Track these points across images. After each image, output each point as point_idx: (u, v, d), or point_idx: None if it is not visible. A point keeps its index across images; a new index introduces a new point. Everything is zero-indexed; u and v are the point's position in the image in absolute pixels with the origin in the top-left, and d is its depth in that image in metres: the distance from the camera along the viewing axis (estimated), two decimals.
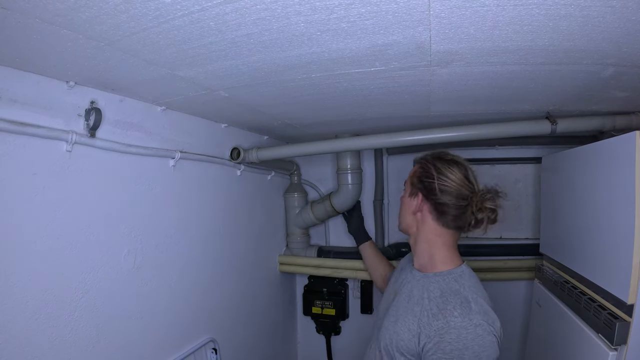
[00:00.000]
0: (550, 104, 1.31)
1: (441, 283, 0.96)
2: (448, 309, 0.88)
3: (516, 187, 1.98)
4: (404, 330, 0.94)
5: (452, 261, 1.02)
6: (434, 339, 0.86)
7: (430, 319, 0.89)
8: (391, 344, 0.96)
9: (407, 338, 0.92)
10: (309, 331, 2.36)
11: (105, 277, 1.03)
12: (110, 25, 0.66)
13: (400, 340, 0.93)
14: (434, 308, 0.91)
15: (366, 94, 1.16)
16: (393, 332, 0.96)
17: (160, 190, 1.24)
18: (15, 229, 0.82)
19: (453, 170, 1.01)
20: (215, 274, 1.53)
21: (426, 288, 0.98)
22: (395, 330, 0.96)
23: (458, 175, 1.00)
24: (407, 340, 0.92)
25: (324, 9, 0.64)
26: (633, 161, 0.94)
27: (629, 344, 0.96)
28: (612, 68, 0.93)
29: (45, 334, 0.87)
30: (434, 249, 1.03)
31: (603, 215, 1.10)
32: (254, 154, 1.63)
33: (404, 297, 1.02)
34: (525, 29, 0.72)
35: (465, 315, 0.86)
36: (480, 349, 0.84)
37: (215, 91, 1.09)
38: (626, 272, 0.96)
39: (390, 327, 0.98)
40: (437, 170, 1.01)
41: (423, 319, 0.91)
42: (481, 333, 0.85)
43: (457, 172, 1.01)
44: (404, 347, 0.92)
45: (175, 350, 1.30)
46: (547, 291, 1.47)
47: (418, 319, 0.92)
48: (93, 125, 0.97)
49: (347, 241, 2.27)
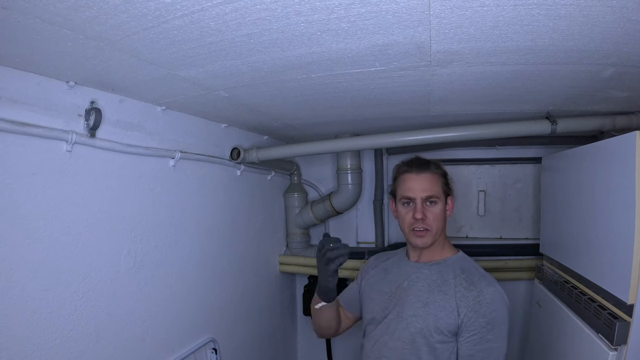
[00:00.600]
0: (550, 104, 1.31)
1: (457, 264, 1.10)
2: (475, 280, 1.04)
3: (516, 187, 1.99)
4: (440, 309, 1.02)
5: (452, 248, 1.17)
6: (474, 306, 0.99)
7: (465, 292, 1.02)
8: (427, 326, 1.02)
9: (446, 315, 1.01)
10: (309, 331, 2.36)
11: (105, 277, 1.03)
12: (110, 25, 0.66)
13: (437, 319, 1.01)
14: (463, 282, 1.04)
15: (366, 94, 1.16)
16: (426, 315, 1.03)
17: (160, 190, 1.24)
18: (15, 229, 0.82)
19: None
20: (215, 274, 1.53)
21: (444, 271, 1.09)
22: (429, 312, 1.03)
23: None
24: (446, 316, 1.01)
25: (324, 9, 0.64)
26: (633, 161, 0.94)
27: (629, 344, 0.96)
28: (612, 68, 0.93)
29: (45, 334, 0.87)
30: (443, 240, 1.15)
31: (603, 215, 1.10)
32: (254, 154, 1.63)
33: (420, 285, 1.09)
34: (525, 29, 0.72)
35: (490, 285, 1.03)
36: (506, 311, 1.00)
37: (215, 91, 1.09)
38: (626, 272, 0.96)
39: (421, 312, 1.04)
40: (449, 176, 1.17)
41: (458, 294, 1.02)
42: (505, 298, 1.02)
43: None
44: (443, 324, 1.01)
45: (175, 350, 1.30)
46: (547, 291, 1.47)
47: (453, 296, 1.03)
48: (93, 125, 0.97)
49: (347, 241, 2.26)
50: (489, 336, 0.97)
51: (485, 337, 0.97)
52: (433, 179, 1.12)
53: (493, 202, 2.02)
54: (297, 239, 2.15)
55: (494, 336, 0.97)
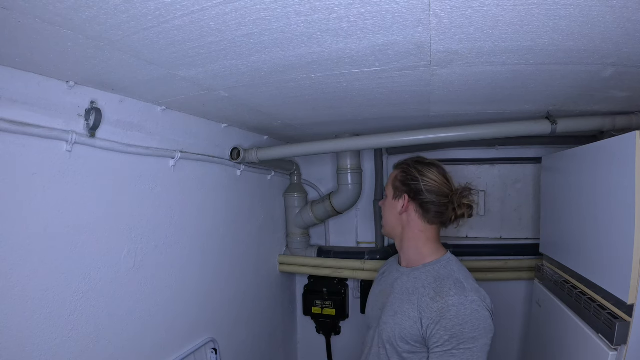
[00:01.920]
0: (550, 104, 1.31)
1: (432, 272, 1.05)
2: (444, 290, 0.97)
3: (516, 187, 1.99)
4: (405, 319, 1.00)
5: (438, 252, 1.10)
6: (436, 318, 0.94)
7: (429, 303, 0.97)
8: (394, 335, 1.01)
9: (409, 325, 0.99)
10: (309, 331, 2.36)
11: (105, 277, 1.03)
12: (110, 25, 0.66)
13: (402, 329, 1.00)
14: (431, 292, 0.99)
15: (366, 94, 1.16)
16: (394, 324, 1.02)
17: (160, 190, 1.24)
18: (15, 229, 0.82)
19: (433, 172, 1.10)
20: (215, 274, 1.53)
21: (419, 278, 1.06)
22: (396, 322, 1.02)
23: (439, 176, 1.10)
24: (410, 327, 0.99)
25: (324, 9, 0.64)
26: (633, 161, 0.94)
27: (629, 344, 0.96)
28: (612, 68, 0.93)
29: (45, 334, 0.87)
30: (420, 244, 1.11)
31: (603, 215, 1.10)
32: (254, 154, 1.63)
33: (397, 292, 1.08)
34: (525, 29, 0.72)
35: (460, 294, 0.95)
36: (477, 322, 0.92)
37: (215, 91, 1.09)
38: (626, 272, 0.96)
39: (390, 320, 1.04)
40: (420, 173, 1.10)
41: (422, 305, 0.98)
42: (477, 308, 0.93)
43: (437, 174, 1.10)
44: (407, 334, 0.99)
45: (176, 350, 1.30)
46: (547, 291, 1.47)
47: (417, 306, 0.99)
48: (93, 125, 0.97)
49: (347, 241, 2.28)
50: (454, 351, 0.91)
51: (449, 351, 0.91)
52: (392, 176, 1.18)
53: (493, 202, 2.02)
54: (297, 239, 2.15)
55: (460, 352, 0.90)
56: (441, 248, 1.12)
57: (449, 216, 1.09)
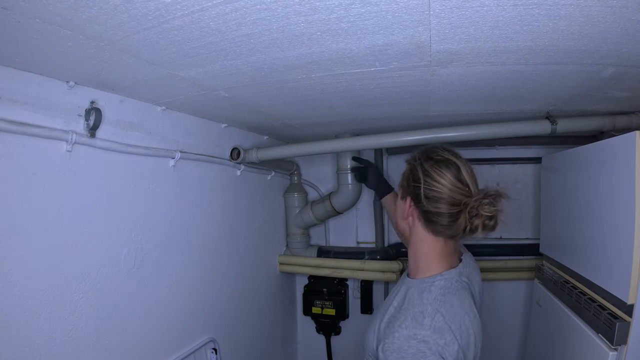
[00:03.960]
0: (550, 104, 1.31)
1: (411, 291, 0.91)
2: (400, 318, 0.85)
3: (516, 187, 1.99)
4: (370, 332, 0.94)
5: (436, 268, 0.93)
6: (380, 344, 0.85)
7: (384, 328, 0.88)
8: (365, 346, 0.96)
9: (371, 339, 0.92)
10: (309, 331, 2.36)
11: (105, 277, 1.03)
12: (110, 25, 0.66)
13: (368, 342, 0.94)
14: (390, 317, 0.89)
15: (366, 94, 1.16)
16: (366, 335, 0.96)
17: (160, 190, 1.24)
18: (15, 229, 0.82)
19: (442, 173, 0.89)
20: (215, 274, 1.53)
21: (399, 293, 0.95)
22: (367, 334, 0.96)
23: (448, 179, 0.88)
24: (371, 341, 0.92)
25: (324, 9, 0.64)
26: (633, 161, 0.94)
27: (629, 344, 0.96)
28: (612, 68, 0.93)
29: (45, 334, 0.87)
30: (419, 254, 0.96)
31: (603, 215, 1.10)
32: (254, 154, 1.63)
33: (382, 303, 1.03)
34: (525, 29, 0.72)
35: (412, 328, 0.81)
36: None
37: (215, 91, 1.09)
38: (626, 272, 0.96)
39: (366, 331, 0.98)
40: (425, 173, 0.91)
41: (381, 324, 0.90)
42: (423, 349, 0.78)
43: (448, 175, 0.88)
44: (371, 350, 0.92)
45: (175, 350, 1.30)
46: (547, 291, 1.47)
47: (379, 322, 0.91)
48: (93, 125, 0.97)
49: (347, 241, 2.28)
50: None
51: None
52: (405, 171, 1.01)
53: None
54: (297, 239, 2.15)
55: None
56: (443, 263, 0.93)
57: (460, 228, 0.88)
